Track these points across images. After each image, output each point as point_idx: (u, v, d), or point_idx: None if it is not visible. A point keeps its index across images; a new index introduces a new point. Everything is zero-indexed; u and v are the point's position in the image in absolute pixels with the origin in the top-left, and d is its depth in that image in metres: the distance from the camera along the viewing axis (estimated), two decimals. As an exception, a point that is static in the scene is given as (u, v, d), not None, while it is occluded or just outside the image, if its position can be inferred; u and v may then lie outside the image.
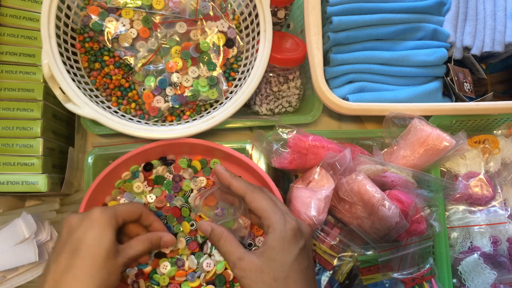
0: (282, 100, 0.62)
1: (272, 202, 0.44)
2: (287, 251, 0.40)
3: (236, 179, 0.46)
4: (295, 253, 0.40)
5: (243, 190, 0.45)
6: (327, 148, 0.54)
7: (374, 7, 0.60)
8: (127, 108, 0.56)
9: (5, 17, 0.54)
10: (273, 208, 0.42)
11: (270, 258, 0.39)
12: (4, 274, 0.49)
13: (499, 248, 0.60)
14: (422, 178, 0.57)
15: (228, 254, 0.41)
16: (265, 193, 0.45)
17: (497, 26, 0.64)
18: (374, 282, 0.54)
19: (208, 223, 0.45)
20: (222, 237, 0.43)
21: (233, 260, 0.41)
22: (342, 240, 0.54)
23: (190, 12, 0.55)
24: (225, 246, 0.42)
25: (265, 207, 0.43)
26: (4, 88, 0.53)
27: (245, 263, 0.39)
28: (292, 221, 0.42)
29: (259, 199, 0.43)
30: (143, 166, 0.56)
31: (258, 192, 0.44)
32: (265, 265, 0.39)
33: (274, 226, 0.41)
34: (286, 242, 0.40)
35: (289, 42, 0.60)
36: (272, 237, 0.41)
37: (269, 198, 0.44)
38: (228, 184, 0.46)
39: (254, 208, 0.43)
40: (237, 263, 0.40)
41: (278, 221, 0.41)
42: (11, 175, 0.52)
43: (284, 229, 0.41)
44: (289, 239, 0.40)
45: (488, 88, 0.71)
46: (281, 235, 0.40)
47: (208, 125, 0.52)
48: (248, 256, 0.40)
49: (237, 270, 0.40)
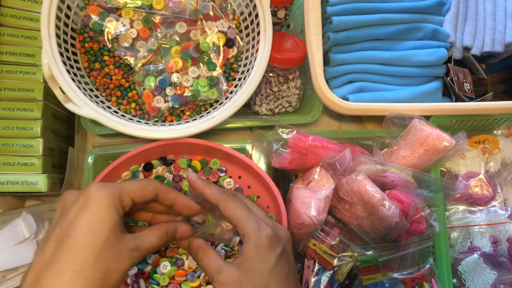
0: (282, 100, 0.62)
1: (246, 209, 0.42)
2: (264, 260, 0.39)
3: (209, 187, 0.44)
4: (273, 261, 0.39)
5: (216, 198, 0.43)
6: (327, 148, 0.54)
7: (374, 7, 0.60)
8: (127, 108, 0.56)
9: (5, 17, 0.54)
10: (247, 216, 0.41)
11: (248, 269, 0.38)
12: (4, 274, 0.49)
13: (499, 248, 0.60)
14: (422, 178, 0.57)
15: (206, 267, 0.40)
16: (239, 200, 0.43)
17: (497, 26, 0.64)
18: (374, 282, 0.54)
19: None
20: (200, 250, 0.42)
21: (211, 274, 0.40)
22: (342, 240, 0.54)
23: (190, 12, 0.55)
24: (203, 259, 0.41)
25: (239, 216, 0.41)
26: (4, 88, 0.53)
27: (223, 276, 0.38)
28: (267, 227, 0.40)
29: (232, 207, 0.42)
30: (143, 166, 0.56)
31: (231, 200, 0.42)
32: (243, 277, 0.38)
33: (248, 235, 0.40)
34: (262, 251, 0.39)
35: (289, 42, 0.60)
36: (247, 247, 0.39)
37: (243, 205, 0.43)
38: (201, 192, 0.44)
39: (228, 217, 0.42)
40: (216, 276, 0.39)
41: (252, 229, 0.40)
42: (11, 175, 0.52)
43: (259, 238, 0.39)
44: (265, 247, 0.39)
45: (488, 88, 0.71)
46: (256, 244, 0.39)
47: (208, 125, 0.52)
48: (226, 269, 0.39)
49: (215, 283, 0.39)
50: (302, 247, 0.54)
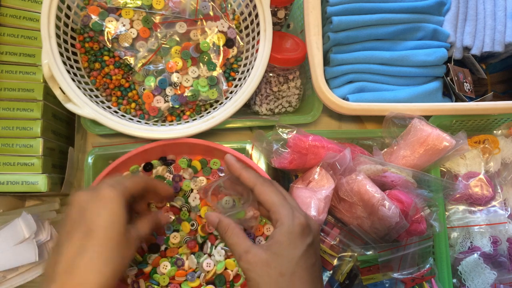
0: (282, 100, 0.62)
1: (282, 196, 0.43)
2: (294, 247, 0.39)
3: (246, 170, 0.45)
4: (303, 249, 0.39)
5: (253, 182, 0.44)
6: (327, 148, 0.54)
7: (374, 7, 0.60)
8: (127, 108, 0.56)
9: (5, 17, 0.54)
10: (282, 202, 0.42)
11: (277, 253, 0.39)
12: (4, 274, 0.49)
13: (499, 248, 0.60)
14: (422, 178, 0.57)
15: (235, 246, 0.41)
16: (275, 186, 0.45)
17: (497, 26, 0.64)
18: (374, 282, 0.54)
19: (215, 214, 0.44)
20: (229, 228, 0.42)
21: (239, 252, 0.40)
22: (342, 240, 0.54)
23: (190, 12, 0.55)
24: (232, 238, 0.41)
25: (274, 201, 0.42)
26: (4, 88, 0.53)
27: (251, 256, 0.39)
28: (301, 216, 0.41)
29: (268, 192, 0.43)
30: (143, 166, 0.56)
31: (268, 185, 0.43)
32: (272, 259, 0.39)
33: (282, 221, 0.40)
34: (294, 238, 0.40)
35: (289, 42, 0.60)
36: (279, 232, 0.40)
37: (278, 191, 0.43)
38: (238, 174, 0.45)
39: (262, 201, 0.43)
40: (243, 256, 0.39)
41: (286, 215, 0.41)
42: (11, 175, 0.52)
43: (292, 224, 0.40)
44: (297, 234, 0.40)
45: (488, 88, 0.71)
46: (289, 230, 0.40)
47: (208, 125, 0.52)
48: (255, 249, 0.39)
49: (243, 262, 0.39)
50: (302, 247, 0.54)
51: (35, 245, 0.49)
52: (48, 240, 0.52)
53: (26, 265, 0.49)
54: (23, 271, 0.50)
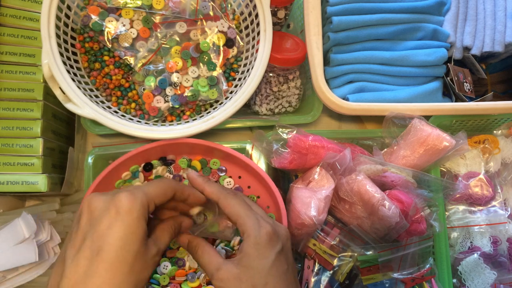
0: (282, 100, 0.62)
1: (246, 207, 0.42)
2: (263, 257, 0.39)
3: (209, 184, 0.44)
4: (272, 258, 0.39)
5: (216, 195, 0.43)
6: (327, 148, 0.54)
7: (374, 7, 0.60)
8: (127, 108, 0.56)
9: (5, 17, 0.54)
10: (247, 213, 0.41)
11: (247, 266, 0.39)
12: (4, 274, 0.49)
13: (499, 248, 0.60)
14: (422, 178, 0.57)
15: (206, 265, 0.41)
16: (239, 197, 0.44)
17: (497, 26, 0.64)
18: (374, 282, 0.54)
19: (184, 235, 0.44)
20: (199, 247, 0.42)
21: (211, 271, 0.40)
22: (342, 240, 0.54)
23: (190, 12, 0.55)
24: (202, 257, 0.41)
25: (239, 213, 0.41)
26: (4, 88, 0.53)
27: (223, 273, 0.39)
28: (267, 225, 0.41)
29: (232, 205, 0.42)
30: (143, 166, 0.56)
31: (232, 197, 0.43)
32: (243, 273, 0.38)
33: (248, 232, 0.40)
34: (262, 248, 0.39)
35: (289, 42, 0.60)
36: (247, 244, 0.40)
37: (243, 202, 0.43)
38: (201, 190, 0.44)
39: (228, 214, 0.42)
40: (215, 274, 0.39)
41: (252, 226, 0.40)
42: (11, 175, 0.52)
43: (259, 235, 0.40)
44: (264, 244, 0.39)
45: (488, 88, 0.71)
46: (256, 241, 0.39)
47: (208, 125, 0.52)
48: (225, 266, 0.39)
49: (215, 281, 0.39)
50: (302, 247, 0.54)
51: (35, 245, 0.49)
52: (48, 240, 0.52)
53: (26, 265, 0.50)
54: (23, 271, 0.50)
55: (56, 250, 0.53)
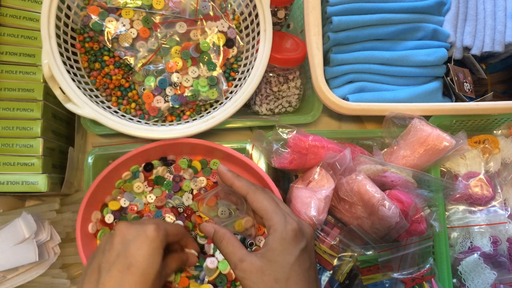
0: (282, 100, 0.62)
1: (274, 203, 0.44)
2: (288, 252, 0.40)
3: (238, 179, 0.46)
4: (296, 254, 0.40)
5: (245, 190, 0.45)
6: (327, 148, 0.54)
7: (374, 7, 0.60)
8: (127, 108, 0.56)
9: (5, 17, 0.54)
10: (275, 209, 0.42)
11: (271, 260, 0.39)
12: (4, 274, 0.49)
13: (499, 248, 0.60)
14: (422, 178, 0.57)
15: (230, 255, 0.41)
16: (267, 193, 0.45)
17: (497, 26, 0.64)
18: (374, 282, 0.54)
19: (210, 225, 0.45)
20: (225, 238, 0.43)
21: (234, 261, 0.41)
22: (342, 240, 0.54)
23: (190, 12, 0.55)
24: (227, 248, 0.42)
25: (266, 208, 0.43)
26: (4, 88, 0.53)
27: (246, 265, 0.40)
28: (293, 222, 0.42)
29: (260, 200, 0.43)
30: (143, 166, 0.56)
31: (260, 193, 0.44)
32: (266, 266, 0.39)
33: (275, 227, 0.41)
34: (287, 243, 0.40)
35: (289, 42, 0.60)
36: (272, 238, 0.41)
37: (271, 198, 0.44)
38: (231, 184, 0.46)
39: (255, 209, 0.44)
40: (238, 264, 0.40)
41: (279, 222, 0.41)
42: (11, 175, 0.52)
43: (284, 230, 0.41)
44: (290, 240, 0.40)
45: (488, 88, 0.71)
46: (282, 236, 0.40)
47: (208, 125, 0.52)
48: (249, 258, 0.40)
49: (238, 271, 0.40)
50: (302, 247, 0.54)
51: (35, 245, 0.49)
52: (48, 240, 0.52)
53: (26, 265, 0.49)
54: (23, 271, 0.50)
55: (56, 250, 0.53)
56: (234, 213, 0.47)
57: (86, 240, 0.52)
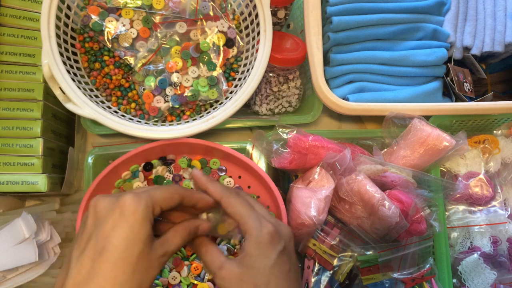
0: (282, 100, 0.62)
1: (248, 206, 0.42)
2: (265, 256, 0.39)
3: (212, 184, 0.44)
4: (274, 258, 0.39)
5: (219, 195, 0.42)
6: (327, 148, 0.54)
7: (374, 7, 0.60)
8: (127, 108, 0.56)
9: (5, 17, 0.54)
10: (249, 213, 0.41)
11: (249, 265, 0.38)
12: (4, 274, 0.49)
13: (499, 248, 0.60)
14: (422, 178, 0.57)
15: (209, 263, 0.40)
16: (241, 197, 0.43)
17: (497, 26, 0.64)
18: (374, 282, 0.54)
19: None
20: (203, 246, 0.42)
21: (213, 270, 0.40)
22: (342, 240, 0.54)
23: (190, 12, 0.55)
24: (205, 256, 0.41)
25: (241, 212, 0.41)
26: (4, 88, 0.53)
27: (225, 272, 0.39)
28: (269, 224, 0.40)
29: (234, 204, 0.42)
30: (143, 166, 0.56)
31: (234, 197, 0.42)
32: (244, 273, 0.38)
33: (250, 232, 0.40)
34: (263, 247, 0.39)
35: (289, 42, 0.60)
36: (249, 243, 0.39)
37: (245, 202, 0.42)
38: (205, 189, 0.44)
39: (230, 213, 0.42)
40: (217, 272, 0.39)
41: (253, 226, 0.40)
42: (11, 175, 0.52)
43: (260, 234, 0.39)
44: (266, 243, 0.39)
45: (488, 88, 0.71)
46: (258, 240, 0.39)
47: (208, 125, 0.52)
48: (228, 265, 0.39)
49: (217, 279, 0.39)
50: (302, 247, 0.54)
51: (35, 245, 0.49)
52: (48, 240, 0.52)
53: (26, 265, 0.50)
54: (23, 271, 0.50)
55: (56, 250, 0.53)
56: (214, 216, 0.45)
57: (86, 240, 0.52)
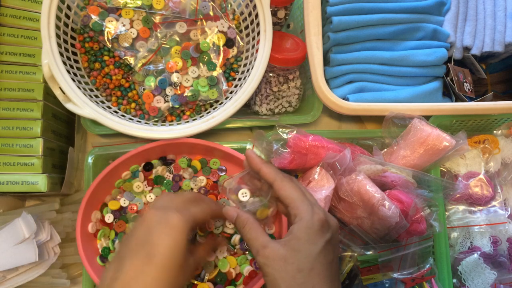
0: (282, 100, 0.62)
1: (301, 192, 0.43)
2: (313, 242, 0.39)
3: (266, 165, 0.45)
4: (321, 245, 0.39)
5: (273, 177, 0.43)
6: (327, 148, 0.54)
7: (374, 7, 0.60)
8: (127, 108, 0.56)
9: (5, 17, 0.54)
10: (301, 198, 0.41)
11: (295, 248, 0.38)
12: (4, 274, 0.49)
13: (499, 248, 0.60)
14: (422, 178, 0.57)
15: (252, 240, 0.41)
16: (294, 182, 0.44)
17: (497, 26, 0.64)
18: (374, 282, 0.54)
19: (234, 209, 0.44)
20: (248, 223, 0.42)
21: (256, 247, 0.40)
22: (342, 240, 0.54)
23: (190, 12, 0.55)
24: (250, 233, 0.41)
25: (293, 196, 0.42)
26: (4, 88, 0.53)
27: (269, 251, 0.39)
28: (320, 212, 0.41)
29: (287, 188, 0.42)
30: (143, 166, 0.56)
31: (288, 181, 0.43)
32: (290, 254, 0.38)
33: (301, 216, 0.40)
34: (313, 233, 0.39)
35: (289, 42, 0.60)
36: (298, 227, 0.39)
37: (297, 187, 0.43)
38: (258, 169, 0.45)
39: (282, 196, 0.42)
40: (261, 250, 0.39)
41: (305, 211, 0.40)
42: (11, 175, 0.52)
43: (311, 220, 0.39)
44: (316, 230, 0.39)
45: (488, 88, 0.71)
46: (308, 226, 0.39)
47: (208, 125, 0.52)
48: (272, 244, 0.39)
49: (260, 257, 0.39)
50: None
51: (35, 245, 0.49)
52: (48, 240, 0.52)
53: (26, 265, 0.50)
54: (23, 271, 0.50)
55: (56, 250, 0.53)
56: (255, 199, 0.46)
57: (86, 240, 0.52)
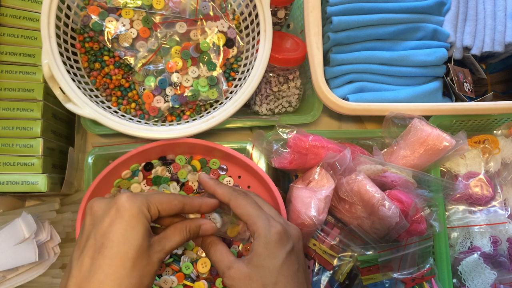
0: (282, 100, 0.62)
1: (257, 207, 0.42)
2: (274, 256, 0.39)
3: (220, 186, 0.44)
4: (282, 258, 0.39)
5: (227, 196, 0.43)
6: (327, 148, 0.54)
7: (374, 7, 0.60)
8: (127, 108, 0.56)
9: (5, 17, 0.54)
10: (258, 213, 0.41)
11: (258, 265, 0.39)
12: (4, 274, 0.49)
13: (499, 248, 0.60)
14: (422, 178, 0.57)
15: (218, 263, 0.41)
16: (249, 198, 0.44)
17: (497, 26, 0.64)
18: (374, 282, 0.54)
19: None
20: (212, 245, 0.42)
21: (222, 269, 0.40)
22: (342, 240, 0.54)
23: (190, 12, 0.55)
24: (215, 255, 0.41)
25: (249, 213, 0.41)
26: (4, 88, 0.53)
27: (233, 271, 0.39)
28: (277, 224, 0.41)
29: (243, 205, 0.42)
30: (143, 166, 0.56)
31: (242, 198, 0.43)
32: (253, 272, 0.39)
33: (258, 232, 0.40)
34: (272, 247, 0.39)
35: (289, 42, 0.60)
36: (258, 243, 0.40)
37: (253, 203, 0.43)
38: (213, 192, 0.44)
39: (238, 215, 0.42)
40: (226, 272, 0.39)
41: (262, 226, 0.40)
42: (11, 175, 0.52)
43: (268, 234, 0.40)
44: (275, 243, 0.39)
45: (488, 88, 0.71)
46: (266, 240, 0.40)
47: (208, 125, 0.52)
48: (237, 264, 0.39)
49: (226, 278, 0.40)
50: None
51: (35, 245, 0.49)
52: (48, 240, 0.52)
53: (26, 265, 0.50)
54: (23, 271, 0.50)
55: (56, 250, 0.53)
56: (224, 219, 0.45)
57: (86, 240, 0.52)
